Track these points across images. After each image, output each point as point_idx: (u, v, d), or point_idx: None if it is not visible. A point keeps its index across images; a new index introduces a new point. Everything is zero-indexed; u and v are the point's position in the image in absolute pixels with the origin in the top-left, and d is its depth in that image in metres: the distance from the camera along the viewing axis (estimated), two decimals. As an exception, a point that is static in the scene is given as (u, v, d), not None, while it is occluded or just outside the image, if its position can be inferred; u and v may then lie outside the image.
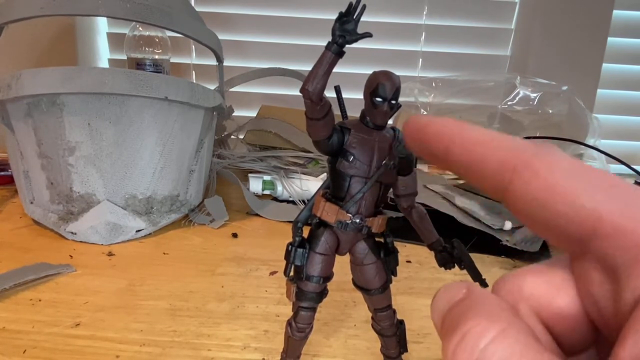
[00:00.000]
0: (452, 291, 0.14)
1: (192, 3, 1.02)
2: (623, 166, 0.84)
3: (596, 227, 0.12)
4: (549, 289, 0.14)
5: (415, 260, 0.56)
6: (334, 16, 0.24)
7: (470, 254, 0.29)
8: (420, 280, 0.51)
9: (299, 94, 0.25)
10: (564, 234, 0.13)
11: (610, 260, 0.12)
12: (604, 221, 0.12)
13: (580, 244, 0.13)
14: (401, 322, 0.33)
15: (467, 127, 0.15)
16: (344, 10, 0.24)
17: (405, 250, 0.58)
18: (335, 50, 0.24)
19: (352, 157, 0.27)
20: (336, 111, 0.28)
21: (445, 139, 0.15)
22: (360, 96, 0.27)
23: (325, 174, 0.77)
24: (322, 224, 0.29)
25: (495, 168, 0.14)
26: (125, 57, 0.91)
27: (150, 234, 0.60)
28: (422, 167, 0.85)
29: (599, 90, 1.06)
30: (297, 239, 0.29)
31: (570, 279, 0.14)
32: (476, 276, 0.28)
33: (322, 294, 0.31)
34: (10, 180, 0.71)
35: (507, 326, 0.12)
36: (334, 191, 0.29)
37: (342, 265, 0.31)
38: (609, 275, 0.12)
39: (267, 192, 0.74)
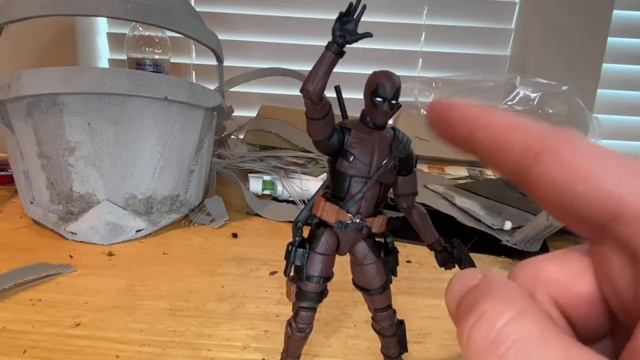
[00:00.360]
0: (468, 277, 0.14)
1: (192, 3, 1.02)
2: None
3: (619, 211, 0.12)
4: (566, 276, 0.14)
5: (415, 260, 0.56)
6: (334, 16, 0.24)
7: (470, 254, 0.29)
8: (420, 280, 0.51)
9: (299, 94, 0.25)
10: (585, 219, 0.13)
11: (632, 245, 0.12)
12: (627, 205, 0.12)
13: (602, 229, 0.13)
14: (401, 322, 0.33)
15: (491, 111, 0.15)
16: (344, 10, 0.24)
17: (405, 250, 0.58)
18: (336, 50, 0.24)
19: (352, 157, 0.27)
20: (336, 111, 0.27)
21: (469, 122, 0.15)
22: (360, 96, 0.27)
23: (325, 174, 0.77)
24: (322, 224, 0.29)
25: (518, 153, 0.14)
26: (125, 57, 0.91)
27: (150, 234, 0.60)
28: (422, 167, 0.85)
29: (599, 90, 1.06)
30: (297, 239, 0.29)
31: (588, 266, 0.14)
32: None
33: (322, 294, 0.31)
34: (10, 180, 0.71)
35: (524, 308, 0.12)
36: (334, 191, 0.29)
37: (342, 265, 0.31)
38: (630, 259, 0.12)
39: (267, 192, 0.74)
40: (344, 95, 0.29)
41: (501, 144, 0.14)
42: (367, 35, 0.24)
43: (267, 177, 0.74)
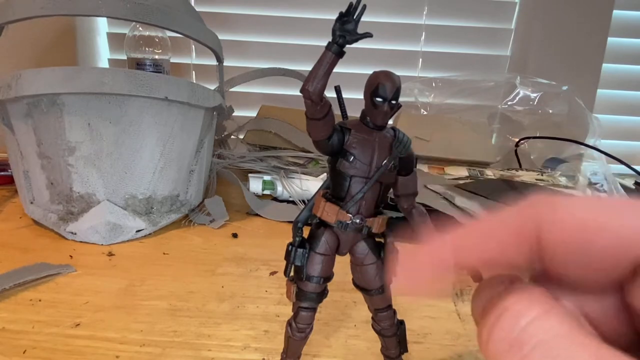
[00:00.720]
0: (495, 282, 0.13)
1: (192, 3, 1.02)
2: (623, 166, 0.84)
3: None
4: (590, 290, 0.13)
5: (415, 260, 0.56)
6: (334, 16, 0.24)
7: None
8: (420, 280, 0.51)
9: (299, 94, 0.25)
10: (612, 268, 0.12)
11: None
12: None
13: (631, 270, 0.12)
14: (401, 323, 0.33)
15: (463, 232, 0.14)
16: (344, 10, 0.24)
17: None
18: (336, 51, 0.24)
19: (352, 157, 0.27)
20: (336, 111, 0.27)
21: (444, 264, 0.14)
22: (360, 96, 0.27)
23: (325, 174, 0.77)
24: (322, 224, 0.29)
25: (514, 241, 0.13)
26: (125, 57, 0.91)
27: (150, 234, 0.60)
28: (422, 167, 0.85)
29: (599, 90, 1.06)
30: (297, 239, 0.29)
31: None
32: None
33: (323, 294, 0.31)
34: (10, 180, 0.71)
35: (551, 307, 0.11)
36: (334, 191, 0.29)
37: (342, 265, 0.31)
38: None
39: (267, 192, 0.74)
40: (344, 95, 0.29)
41: (488, 254, 0.13)
42: (367, 35, 0.24)
43: (267, 177, 0.74)
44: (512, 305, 0.11)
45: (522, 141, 0.96)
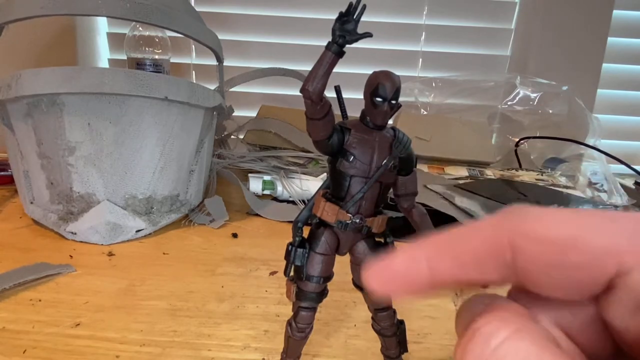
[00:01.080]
0: (476, 301, 0.13)
1: (192, 3, 1.02)
2: (623, 166, 0.84)
3: (619, 264, 0.11)
4: (569, 303, 0.13)
5: (415, 260, 0.56)
6: (334, 16, 0.24)
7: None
8: (420, 280, 0.51)
9: (299, 94, 0.25)
10: (588, 283, 0.12)
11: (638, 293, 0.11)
12: (626, 256, 0.11)
13: (605, 286, 0.12)
14: (401, 322, 0.33)
15: (437, 244, 0.13)
16: (344, 10, 0.24)
17: (405, 250, 0.58)
18: (336, 50, 0.24)
19: (352, 157, 0.27)
20: (336, 111, 0.28)
21: (419, 276, 0.13)
22: (360, 96, 0.27)
23: (325, 174, 0.77)
24: (322, 224, 0.29)
25: (488, 255, 0.12)
26: (125, 57, 0.91)
27: (150, 234, 0.60)
28: (422, 167, 0.85)
29: (599, 90, 1.06)
30: (297, 239, 0.29)
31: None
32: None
33: (322, 294, 0.31)
34: (10, 180, 0.71)
35: (522, 327, 0.11)
36: (334, 191, 0.29)
37: (342, 265, 0.31)
38: (634, 307, 0.12)
39: (267, 192, 0.74)
40: (344, 95, 0.29)
41: (463, 268, 0.13)
42: (367, 35, 0.24)
43: (267, 177, 0.74)
44: (483, 327, 0.11)
45: (522, 141, 0.96)
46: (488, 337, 0.11)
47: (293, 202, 0.73)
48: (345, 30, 0.24)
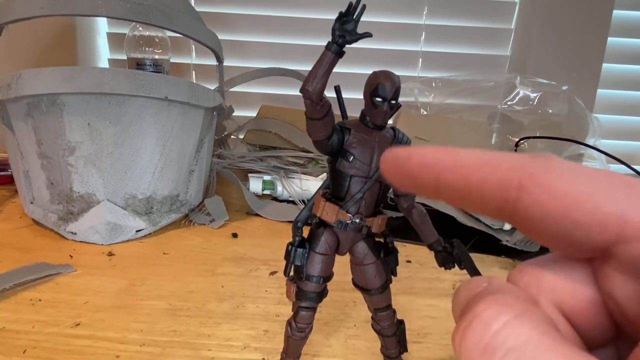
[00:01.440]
0: (474, 284, 0.13)
1: (192, 3, 1.02)
2: (623, 166, 0.84)
3: (621, 231, 0.11)
4: (570, 283, 0.13)
5: (415, 260, 0.56)
6: (334, 16, 0.24)
7: (470, 254, 0.29)
8: (420, 280, 0.51)
9: (299, 94, 0.25)
10: (583, 244, 0.12)
11: (638, 262, 0.11)
12: (630, 224, 0.11)
13: (601, 250, 0.12)
14: (401, 322, 0.33)
15: (457, 151, 0.14)
16: (344, 10, 0.24)
17: (405, 250, 0.58)
18: (335, 50, 0.24)
19: (352, 157, 0.27)
20: (336, 111, 0.28)
21: (435, 168, 0.14)
22: (360, 96, 0.27)
23: (325, 174, 0.77)
24: (322, 224, 0.29)
25: (497, 188, 0.13)
26: (125, 57, 0.91)
27: (150, 234, 0.60)
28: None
29: (599, 90, 1.06)
30: (297, 239, 0.29)
31: (590, 273, 0.13)
32: (476, 276, 0.28)
33: (322, 294, 0.31)
34: (10, 180, 0.71)
35: (523, 312, 0.11)
36: (334, 191, 0.29)
37: (342, 265, 0.31)
38: (635, 278, 0.12)
39: (267, 192, 0.74)
40: (344, 95, 0.29)
41: (474, 183, 0.13)
42: (367, 35, 0.24)
43: (267, 177, 0.74)
44: (483, 311, 0.11)
45: (522, 141, 0.96)
46: (488, 322, 0.11)
47: (293, 202, 0.73)
48: (345, 30, 0.24)
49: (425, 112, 0.98)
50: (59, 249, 0.55)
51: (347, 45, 0.24)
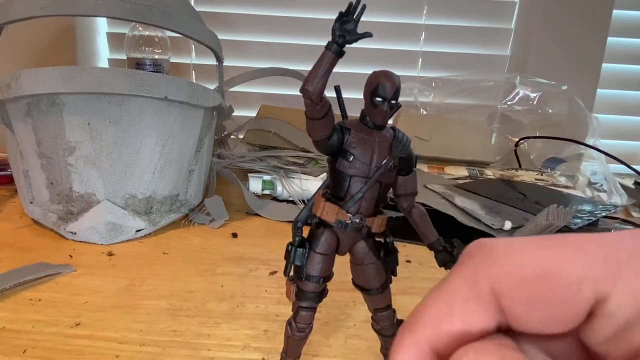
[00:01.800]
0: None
1: (192, 3, 1.02)
2: (623, 166, 0.84)
3: (597, 292, 0.11)
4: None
5: (416, 260, 0.56)
6: (334, 16, 0.24)
7: (471, 254, 0.29)
8: (420, 280, 0.51)
9: (299, 94, 0.25)
10: (565, 316, 0.12)
11: (624, 318, 0.11)
12: (603, 283, 0.11)
13: (583, 316, 0.12)
14: (401, 322, 0.33)
15: (426, 322, 0.13)
16: (344, 10, 0.24)
17: (405, 250, 0.58)
18: (336, 50, 0.24)
19: (352, 157, 0.27)
20: (336, 111, 0.28)
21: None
22: (360, 96, 0.27)
23: (325, 174, 0.77)
24: (322, 224, 0.29)
25: (481, 310, 0.12)
26: (125, 57, 0.91)
27: (150, 234, 0.60)
28: (422, 167, 0.85)
29: (599, 90, 1.06)
30: (297, 239, 0.29)
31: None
32: None
33: (322, 294, 0.31)
34: (10, 180, 0.71)
35: (504, 358, 0.11)
36: (334, 191, 0.29)
37: (342, 265, 0.31)
38: (615, 330, 0.12)
39: (267, 192, 0.74)
40: (344, 95, 0.29)
41: (469, 331, 0.12)
42: (367, 35, 0.24)
43: (267, 177, 0.74)
44: (463, 358, 0.11)
45: (522, 141, 0.96)
46: None
47: (293, 202, 0.73)
48: (345, 30, 0.24)
49: (425, 112, 0.98)
50: (59, 249, 0.55)
51: (347, 46, 0.24)
